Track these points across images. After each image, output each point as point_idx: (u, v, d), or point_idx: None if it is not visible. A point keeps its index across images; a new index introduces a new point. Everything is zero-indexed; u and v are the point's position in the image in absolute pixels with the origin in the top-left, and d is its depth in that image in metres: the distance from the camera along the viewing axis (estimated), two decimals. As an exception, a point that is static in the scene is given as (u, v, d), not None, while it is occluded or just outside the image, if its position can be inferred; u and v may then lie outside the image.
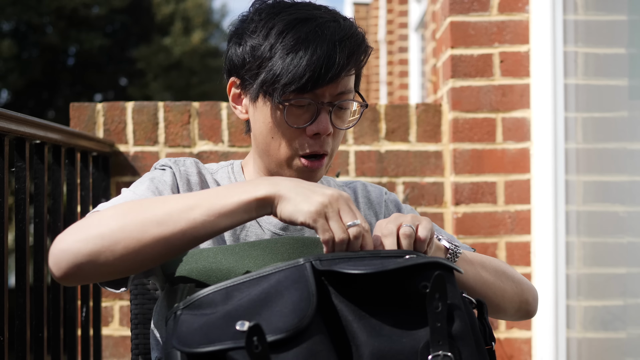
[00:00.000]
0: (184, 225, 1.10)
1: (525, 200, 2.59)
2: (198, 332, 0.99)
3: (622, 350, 2.31)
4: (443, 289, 1.03)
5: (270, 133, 1.32)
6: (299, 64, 1.24)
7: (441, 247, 1.28)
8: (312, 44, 1.25)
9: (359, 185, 1.49)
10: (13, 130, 1.82)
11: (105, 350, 2.63)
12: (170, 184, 1.32)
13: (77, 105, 2.71)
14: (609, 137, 2.38)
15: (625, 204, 2.28)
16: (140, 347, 1.52)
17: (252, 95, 1.31)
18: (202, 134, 2.70)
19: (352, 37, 1.28)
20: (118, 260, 1.11)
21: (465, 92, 2.62)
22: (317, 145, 1.31)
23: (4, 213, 1.76)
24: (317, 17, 1.28)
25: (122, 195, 1.29)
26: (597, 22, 2.50)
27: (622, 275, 2.30)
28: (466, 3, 2.63)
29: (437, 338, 1.02)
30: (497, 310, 1.37)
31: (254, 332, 0.95)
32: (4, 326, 1.74)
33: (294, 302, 1.01)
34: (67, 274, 1.13)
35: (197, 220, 1.10)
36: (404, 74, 5.73)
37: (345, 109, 1.33)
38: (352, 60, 1.28)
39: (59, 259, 1.13)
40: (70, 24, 12.78)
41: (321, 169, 1.33)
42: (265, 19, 1.30)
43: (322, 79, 1.25)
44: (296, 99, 1.27)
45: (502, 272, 1.38)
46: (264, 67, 1.27)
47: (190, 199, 1.12)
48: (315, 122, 1.29)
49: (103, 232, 1.11)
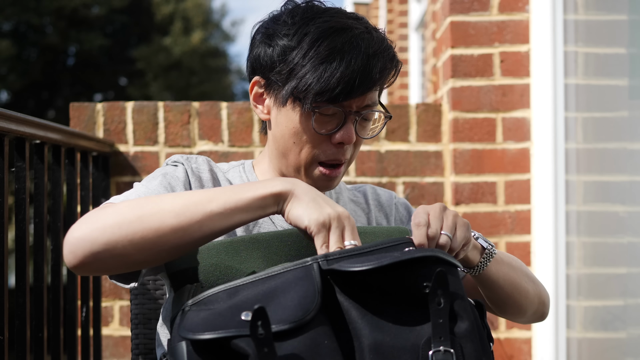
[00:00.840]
0: (200, 216, 1.11)
1: (525, 200, 2.59)
2: (203, 321, 1.01)
3: (622, 350, 2.31)
4: (445, 286, 1.03)
5: (293, 137, 1.32)
6: (333, 74, 1.25)
7: (478, 247, 1.27)
8: (347, 55, 1.25)
9: (368, 189, 1.50)
10: (13, 130, 1.82)
11: (105, 350, 2.63)
12: (183, 180, 1.33)
13: (77, 105, 2.71)
14: (609, 137, 2.38)
15: (625, 204, 2.28)
16: (141, 347, 1.52)
17: (281, 99, 1.31)
18: (202, 134, 2.70)
19: (385, 50, 1.30)
20: (135, 250, 1.11)
21: (465, 92, 2.62)
22: (339, 153, 1.32)
23: (4, 213, 1.76)
24: (352, 28, 1.28)
25: (134, 190, 1.30)
26: (597, 22, 2.50)
27: (622, 275, 2.30)
28: (466, 3, 2.63)
29: (438, 334, 1.03)
30: (518, 311, 1.38)
31: (258, 316, 0.96)
32: (4, 326, 1.74)
33: (300, 297, 1.03)
34: (82, 263, 1.12)
35: (213, 212, 1.11)
36: (404, 74, 5.73)
37: (369, 120, 1.35)
38: (384, 74, 1.29)
39: (75, 247, 1.12)
40: (70, 24, 12.78)
41: (338, 177, 1.35)
42: (299, 23, 1.29)
43: (354, 92, 1.26)
44: (326, 107, 1.28)
45: (526, 272, 1.38)
46: (295, 73, 1.27)
47: (208, 193, 1.14)
48: (340, 131, 1.30)
49: (121, 222, 1.11)
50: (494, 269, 1.29)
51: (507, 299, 1.34)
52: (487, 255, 1.27)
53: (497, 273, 1.30)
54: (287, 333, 1.00)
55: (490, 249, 1.27)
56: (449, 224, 1.16)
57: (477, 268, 1.27)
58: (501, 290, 1.31)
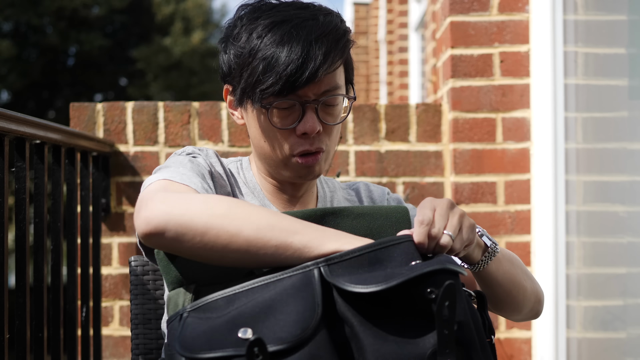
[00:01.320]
0: (278, 242, 1.09)
1: (525, 200, 2.59)
2: (201, 337, 1.00)
3: (622, 350, 2.31)
4: (453, 298, 1.01)
5: (262, 137, 1.32)
6: (275, 67, 1.24)
7: (481, 245, 1.25)
8: (287, 45, 1.24)
9: (361, 186, 1.49)
10: (13, 130, 1.82)
11: (105, 350, 2.63)
12: (208, 170, 1.32)
13: (77, 105, 2.71)
14: (609, 137, 2.38)
15: (625, 204, 2.28)
16: (141, 347, 1.52)
17: (237, 102, 1.32)
18: (202, 134, 2.70)
19: (330, 33, 1.27)
20: (199, 244, 1.10)
21: (465, 92, 2.62)
22: (307, 144, 1.30)
23: (4, 213, 1.76)
24: (293, 18, 1.27)
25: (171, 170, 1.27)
26: (597, 22, 2.50)
27: (622, 275, 2.30)
28: (466, 3, 2.63)
29: (444, 346, 1.00)
30: (515, 308, 1.37)
31: (255, 344, 0.95)
32: (4, 326, 1.74)
33: (299, 312, 1.01)
34: (153, 233, 1.11)
35: (292, 245, 1.08)
36: (404, 74, 5.73)
37: (333, 105, 1.31)
38: (329, 57, 1.25)
39: (154, 215, 1.11)
40: (70, 24, 12.78)
41: (317, 164, 1.33)
42: (247, 24, 1.30)
43: (299, 80, 1.24)
44: (278, 101, 1.27)
45: (524, 270, 1.37)
46: (245, 72, 1.27)
47: (297, 224, 1.10)
48: (301, 122, 1.28)
49: (204, 212, 1.10)
50: (495, 267, 1.28)
51: (506, 296, 1.33)
52: (489, 254, 1.25)
53: (497, 271, 1.28)
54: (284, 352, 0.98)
55: (493, 248, 1.25)
56: (453, 223, 1.13)
57: (478, 265, 1.25)
58: (500, 287, 1.30)
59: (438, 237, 1.11)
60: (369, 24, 7.75)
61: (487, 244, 1.25)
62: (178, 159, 1.32)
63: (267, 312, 1.01)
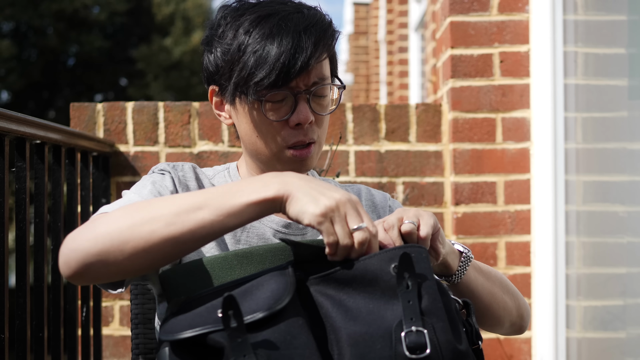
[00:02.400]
0: (192, 225, 1.10)
1: (525, 200, 2.59)
2: (182, 322, 1.03)
3: (622, 350, 2.31)
4: (411, 268, 1.04)
5: (254, 132, 1.33)
6: (267, 59, 1.25)
7: (455, 252, 1.28)
8: (277, 37, 1.26)
9: (363, 189, 1.50)
10: (13, 130, 1.82)
11: (106, 350, 2.63)
12: (171, 190, 1.33)
13: (77, 105, 2.71)
14: (609, 137, 2.38)
15: (625, 204, 2.28)
16: (141, 347, 1.52)
17: (229, 99, 1.32)
18: (202, 134, 2.70)
19: (317, 24, 1.29)
20: (127, 260, 1.11)
21: (465, 92, 2.62)
22: (300, 134, 1.31)
23: (4, 213, 1.76)
24: (279, 12, 1.29)
25: (125, 198, 1.29)
26: (597, 22, 2.50)
27: (622, 275, 2.30)
28: (466, 3, 2.63)
29: (409, 315, 1.03)
30: (495, 322, 1.38)
31: (228, 306, 0.97)
32: (4, 326, 1.74)
33: (272, 290, 1.04)
34: (76, 273, 1.13)
35: (205, 220, 1.09)
36: (404, 74, 5.73)
37: (323, 96, 1.33)
38: (319, 47, 1.28)
39: (68, 258, 1.13)
40: (70, 26, 12.78)
41: (310, 157, 1.34)
42: (231, 21, 1.31)
43: (292, 71, 1.25)
44: (271, 93, 1.28)
45: (505, 284, 1.39)
46: (236, 68, 1.28)
47: (198, 198, 1.11)
48: (295, 113, 1.29)
49: (112, 232, 1.11)
50: (473, 276, 1.31)
51: (486, 309, 1.35)
52: (465, 260, 1.28)
53: (476, 281, 1.31)
54: (261, 323, 1.01)
55: (467, 253, 1.29)
56: (409, 215, 1.17)
57: (458, 273, 1.28)
58: (479, 299, 1.32)
59: (395, 227, 1.15)
60: (369, 24, 7.75)
61: (461, 249, 1.29)
62: (143, 180, 1.34)
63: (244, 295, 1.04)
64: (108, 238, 1.11)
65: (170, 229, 1.10)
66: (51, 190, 2.18)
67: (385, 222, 1.17)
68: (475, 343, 1.16)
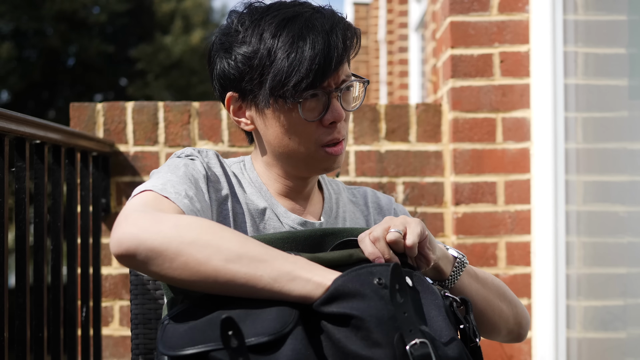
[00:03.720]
0: (245, 276, 1.08)
1: (525, 200, 2.59)
2: (183, 336, 1.02)
3: (622, 350, 2.31)
4: (401, 280, 1.05)
5: (287, 134, 1.33)
6: (303, 60, 1.26)
7: (449, 257, 1.28)
8: (309, 38, 1.27)
9: (369, 192, 1.52)
10: (13, 130, 1.82)
11: (105, 350, 2.63)
12: (203, 174, 1.32)
13: (77, 105, 2.71)
14: (609, 137, 2.38)
15: (625, 204, 2.28)
16: (141, 347, 1.52)
17: (262, 104, 1.32)
18: (202, 133, 2.70)
19: (339, 22, 1.31)
20: (168, 269, 1.10)
21: (465, 92, 2.62)
22: (334, 132, 1.33)
23: (4, 213, 1.76)
24: (301, 13, 1.30)
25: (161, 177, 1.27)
26: (597, 22, 2.50)
27: (622, 275, 2.30)
28: (466, 3, 2.63)
29: (407, 327, 1.03)
30: (491, 329, 1.38)
31: (227, 326, 0.97)
32: (4, 326, 1.74)
33: (278, 313, 1.04)
34: (124, 255, 1.11)
35: (261, 279, 1.08)
36: (404, 74, 5.73)
37: (349, 91, 1.35)
38: (348, 44, 1.30)
39: (124, 238, 1.11)
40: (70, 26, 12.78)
41: (342, 154, 1.36)
42: (251, 26, 1.30)
43: (328, 69, 1.27)
44: (307, 93, 1.28)
45: (502, 292, 1.39)
46: (267, 73, 1.28)
47: (266, 253, 1.10)
48: (329, 112, 1.31)
49: (174, 238, 1.09)
50: (467, 282, 1.30)
51: (481, 315, 1.34)
52: (458, 265, 1.28)
53: (470, 286, 1.31)
54: (266, 346, 1.00)
55: (461, 259, 1.29)
56: (396, 223, 1.18)
57: (451, 279, 1.28)
58: (474, 305, 1.31)
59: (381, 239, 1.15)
60: (369, 24, 7.75)
61: (455, 255, 1.29)
62: (174, 162, 1.33)
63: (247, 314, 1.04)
64: (166, 241, 1.09)
65: (226, 267, 1.08)
66: (51, 191, 2.18)
67: (371, 234, 1.17)
68: (472, 340, 1.16)
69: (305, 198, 1.42)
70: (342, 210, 1.45)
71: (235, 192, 1.37)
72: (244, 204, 1.36)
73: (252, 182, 1.40)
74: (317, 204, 1.44)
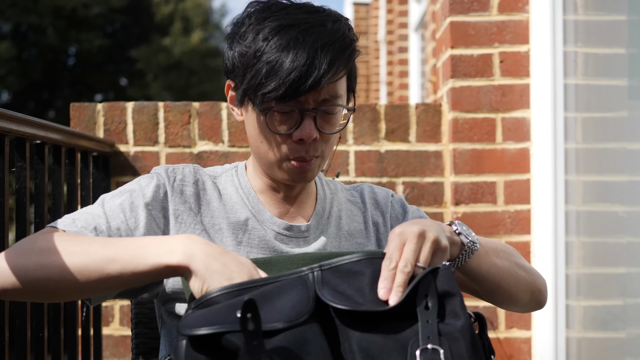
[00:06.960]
0: (97, 277, 1.14)
1: (525, 200, 2.59)
2: (201, 318, 1.02)
3: (622, 350, 2.31)
4: (433, 290, 1.05)
5: (259, 137, 1.32)
6: (277, 72, 1.23)
7: (457, 243, 1.24)
8: (293, 51, 1.23)
9: (365, 188, 1.50)
10: (13, 130, 1.82)
11: (106, 350, 2.63)
12: (150, 199, 1.31)
13: (77, 106, 2.71)
14: (609, 137, 2.38)
15: (625, 204, 2.28)
16: (141, 347, 1.52)
17: (238, 100, 1.32)
18: (202, 134, 2.70)
19: (337, 42, 1.26)
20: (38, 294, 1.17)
21: (465, 92, 2.62)
22: (302, 150, 1.29)
23: (4, 213, 1.76)
24: (301, 23, 1.26)
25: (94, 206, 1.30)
26: (597, 22, 2.50)
27: (622, 275, 2.31)
28: (466, 3, 2.63)
29: (426, 334, 1.04)
30: (510, 300, 1.36)
31: (248, 309, 0.97)
32: (5, 326, 1.74)
33: (294, 301, 1.05)
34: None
35: (110, 275, 1.13)
36: (404, 74, 5.73)
37: (332, 114, 1.30)
38: (333, 67, 1.24)
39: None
40: (69, 24, 12.78)
41: (311, 169, 1.32)
42: (254, 23, 1.29)
43: (301, 88, 1.23)
44: (278, 106, 1.26)
45: (514, 260, 1.37)
46: (249, 73, 1.27)
47: (110, 250, 1.15)
48: (299, 129, 1.27)
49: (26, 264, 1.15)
50: (476, 263, 1.28)
51: (496, 288, 1.32)
52: (466, 252, 1.25)
53: (479, 266, 1.28)
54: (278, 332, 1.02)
55: (470, 245, 1.24)
56: (425, 255, 1.13)
57: (456, 262, 1.25)
58: (487, 281, 1.30)
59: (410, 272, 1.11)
60: (369, 24, 7.75)
61: (464, 241, 1.25)
62: (128, 185, 1.34)
63: (265, 301, 1.05)
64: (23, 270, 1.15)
65: (77, 278, 1.14)
66: (51, 191, 2.18)
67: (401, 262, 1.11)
68: (487, 357, 1.16)
69: (295, 201, 1.40)
70: (337, 209, 1.44)
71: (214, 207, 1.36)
72: (224, 218, 1.34)
73: (241, 189, 1.39)
74: (309, 206, 1.42)
